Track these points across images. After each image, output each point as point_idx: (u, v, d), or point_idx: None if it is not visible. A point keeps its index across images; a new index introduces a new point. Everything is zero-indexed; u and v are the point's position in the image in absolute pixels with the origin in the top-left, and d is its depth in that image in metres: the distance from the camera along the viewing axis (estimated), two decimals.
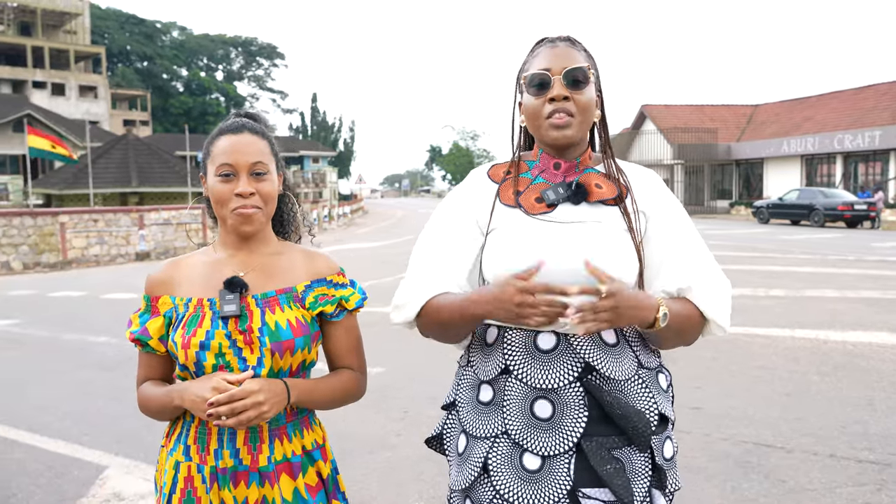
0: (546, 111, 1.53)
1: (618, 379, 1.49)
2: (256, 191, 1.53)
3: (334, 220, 38.19)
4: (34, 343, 7.99)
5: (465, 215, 1.62)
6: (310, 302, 1.59)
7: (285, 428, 1.57)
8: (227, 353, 1.49)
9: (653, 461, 1.51)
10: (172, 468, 1.56)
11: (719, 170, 40.27)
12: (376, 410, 4.92)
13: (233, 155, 1.52)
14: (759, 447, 4.06)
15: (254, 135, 1.56)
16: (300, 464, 1.57)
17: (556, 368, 1.48)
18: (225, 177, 1.52)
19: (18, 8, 52.29)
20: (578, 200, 1.54)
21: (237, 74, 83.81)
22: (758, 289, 9.59)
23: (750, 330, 7.06)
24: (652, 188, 1.60)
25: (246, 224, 1.53)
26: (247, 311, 1.52)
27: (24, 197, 32.20)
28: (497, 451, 1.50)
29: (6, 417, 5.13)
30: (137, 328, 1.60)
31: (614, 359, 1.50)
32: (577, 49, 1.57)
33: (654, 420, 1.50)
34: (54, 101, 50.51)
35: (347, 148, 78.65)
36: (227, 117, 1.64)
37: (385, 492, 3.64)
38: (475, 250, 1.60)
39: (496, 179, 1.64)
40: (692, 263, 1.55)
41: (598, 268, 1.38)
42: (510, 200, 1.58)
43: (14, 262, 20.71)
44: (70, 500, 3.67)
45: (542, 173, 1.60)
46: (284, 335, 1.52)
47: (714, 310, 1.55)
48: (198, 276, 1.58)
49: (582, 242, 1.50)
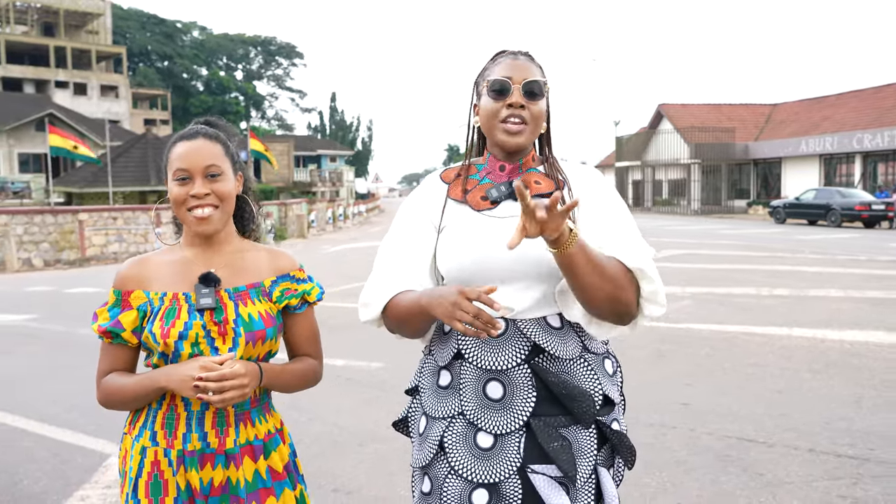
0: (502, 115, 1.66)
1: (563, 358, 1.60)
2: (212, 191, 1.65)
3: (349, 219, 38.42)
4: (50, 338, 8.22)
5: (420, 215, 1.75)
6: (276, 296, 1.73)
7: (249, 413, 1.69)
8: (202, 343, 1.62)
9: (599, 440, 1.63)
10: (139, 454, 1.66)
11: (737, 169, 40.02)
12: (373, 405, 5.06)
13: (187, 159, 1.65)
14: (742, 442, 4.15)
15: (207, 139, 1.68)
16: (262, 447, 1.69)
17: (505, 351, 1.60)
18: (181, 181, 1.65)
19: (42, 9, 53.06)
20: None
21: (256, 74, 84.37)
22: (762, 288, 9.62)
23: (748, 328, 7.12)
24: (587, 180, 1.72)
25: (202, 225, 1.66)
26: (221, 304, 1.65)
27: (46, 195, 32.74)
28: (453, 430, 1.62)
29: (18, 408, 5.33)
30: (107, 321, 1.68)
31: (560, 340, 1.62)
32: (534, 64, 1.71)
33: (598, 399, 1.61)
34: (76, 101, 51.22)
35: (365, 147, 78.95)
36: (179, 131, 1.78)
37: (374, 481, 3.77)
38: (431, 247, 1.72)
39: (447, 181, 1.77)
40: (612, 229, 1.63)
41: (467, 290, 1.45)
42: (458, 196, 1.72)
43: (35, 259, 21.11)
44: (74, 486, 3.84)
45: (488, 175, 1.73)
46: (257, 326, 1.66)
47: (634, 258, 1.56)
48: (168, 272, 1.69)
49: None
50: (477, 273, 1.63)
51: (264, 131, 68.46)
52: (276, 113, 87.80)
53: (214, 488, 1.64)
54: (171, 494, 1.63)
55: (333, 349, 6.71)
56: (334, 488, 3.70)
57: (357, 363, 6.25)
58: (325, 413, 4.91)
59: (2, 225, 20.78)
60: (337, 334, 7.27)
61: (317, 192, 47.94)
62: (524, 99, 1.65)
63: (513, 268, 1.61)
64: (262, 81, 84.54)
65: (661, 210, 41.03)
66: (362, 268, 15.13)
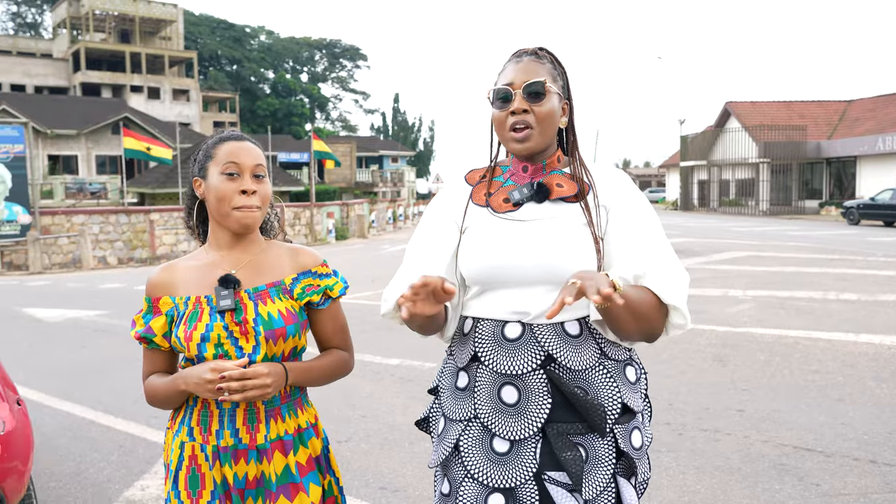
0: (509, 123, 1.66)
1: (577, 369, 1.58)
2: (257, 190, 1.71)
3: (409, 219, 38.73)
4: (120, 333, 8.57)
5: (443, 215, 1.76)
6: (297, 293, 1.76)
7: (279, 409, 1.74)
8: (226, 343, 1.67)
9: (618, 448, 1.60)
10: (178, 448, 1.73)
11: (808, 169, 38.65)
12: (424, 404, 5.11)
13: (238, 156, 1.70)
14: (798, 451, 4.03)
15: (252, 143, 1.76)
16: (292, 442, 1.74)
17: (519, 356, 1.59)
18: (230, 175, 1.69)
19: (119, 17, 55.25)
20: (541, 199, 1.66)
21: (321, 76, 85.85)
22: (828, 292, 9.29)
23: (811, 334, 6.89)
24: (615, 184, 1.68)
25: (246, 221, 1.71)
26: (241, 305, 1.70)
27: (121, 196, 34.05)
28: (469, 433, 1.63)
29: (87, 399, 5.60)
30: (142, 328, 1.75)
31: (574, 349, 1.59)
32: (541, 63, 1.68)
33: (615, 410, 1.58)
34: (150, 105, 53.16)
35: (427, 147, 79.40)
36: (217, 132, 1.83)
37: (421, 481, 3.81)
38: (452, 247, 1.73)
39: (471, 182, 1.78)
40: (648, 252, 1.60)
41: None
42: (481, 201, 1.72)
43: (110, 257, 22.01)
44: (135, 476, 4.01)
45: (512, 176, 1.73)
46: (276, 324, 1.70)
47: (670, 294, 1.56)
48: (193, 276, 1.75)
49: (540, 238, 1.62)
50: (496, 277, 1.63)
51: (328, 133, 69.59)
52: (339, 114, 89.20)
53: (249, 482, 1.69)
54: (209, 487, 1.70)
55: (388, 348, 6.84)
56: (381, 486, 3.76)
57: (411, 362, 6.32)
58: (378, 411, 4.98)
59: (79, 224, 21.74)
60: (392, 333, 7.37)
61: (378, 193, 48.47)
62: (526, 103, 1.63)
63: (532, 273, 1.60)
64: (326, 83, 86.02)
65: (727, 211, 39.97)
66: None
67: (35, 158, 29.33)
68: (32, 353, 7.60)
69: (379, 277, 12.15)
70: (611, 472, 1.58)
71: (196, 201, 1.81)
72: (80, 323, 9.44)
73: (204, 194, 1.74)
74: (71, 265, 21.07)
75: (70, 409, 5.35)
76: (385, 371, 6.07)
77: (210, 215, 1.77)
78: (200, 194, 1.76)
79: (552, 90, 1.66)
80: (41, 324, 9.53)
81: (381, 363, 6.29)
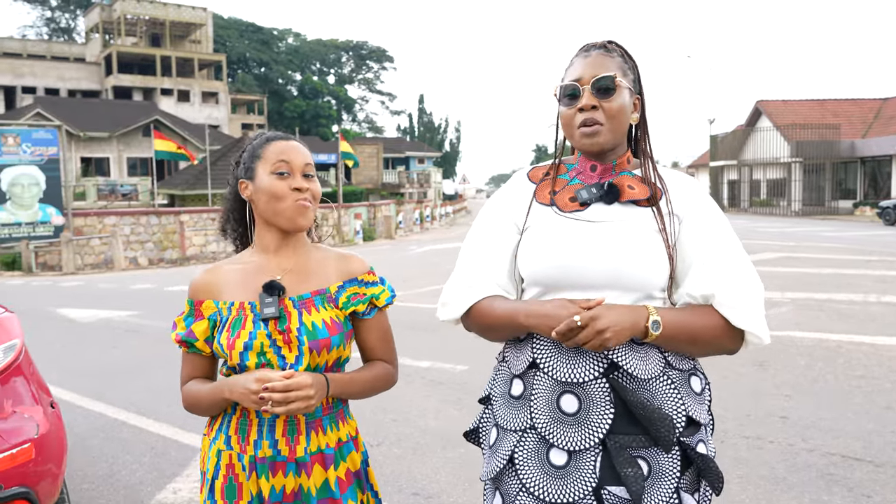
0: (577, 120, 1.59)
1: (642, 377, 1.51)
2: (309, 188, 1.66)
3: (436, 220, 38.71)
4: (151, 333, 8.61)
5: (503, 215, 1.69)
6: (343, 302, 1.70)
7: (321, 421, 1.67)
8: (268, 352, 1.61)
9: (683, 462, 1.52)
10: (215, 456, 1.67)
11: (842, 168, 37.92)
12: (458, 409, 5.03)
13: (289, 154, 1.66)
14: (846, 460, 3.88)
15: (300, 143, 1.71)
16: (332, 456, 1.67)
17: (581, 363, 1.52)
18: (281, 174, 1.64)
19: (150, 21, 55.99)
20: (610, 200, 1.58)
21: (348, 78, 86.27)
22: (869, 294, 9.04)
23: (854, 337, 6.69)
24: (689, 192, 1.61)
25: (302, 216, 1.65)
26: (285, 313, 1.63)
27: (151, 197, 34.47)
28: (524, 445, 1.55)
29: (119, 400, 5.60)
30: (183, 330, 1.71)
31: (639, 357, 1.52)
32: (610, 56, 1.61)
33: (680, 422, 1.50)
34: (180, 107, 53.79)
35: (453, 148, 79.47)
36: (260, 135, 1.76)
37: (454, 488, 3.73)
38: (512, 248, 1.66)
39: (534, 180, 1.71)
40: (720, 268, 1.53)
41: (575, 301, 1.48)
42: (545, 200, 1.65)
43: (140, 258, 22.27)
44: (167, 478, 3.99)
45: (578, 175, 1.65)
46: (321, 334, 1.63)
47: (740, 318, 1.51)
48: (237, 281, 1.69)
49: (610, 241, 1.54)
50: (560, 279, 1.56)
51: (354, 134, 69.88)
52: (366, 116, 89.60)
53: (286, 495, 1.63)
54: (245, 499, 1.63)
55: (419, 350, 6.76)
56: (414, 492, 3.68)
57: (442, 365, 6.24)
58: (410, 415, 4.91)
59: (111, 225, 22.04)
60: (423, 335, 7.30)
61: (405, 194, 48.54)
62: (595, 99, 1.57)
63: (599, 276, 1.53)
64: (353, 85, 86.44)
65: (758, 211, 39.36)
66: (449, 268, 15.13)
67: (68, 161, 29.80)
68: (65, 353, 7.66)
69: (409, 278, 12.10)
70: (674, 487, 1.50)
71: (240, 204, 1.75)
72: (111, 323, 9.52)
73: (251, 196, 1.69)
74: (103, 266, 21.35)
75: (102, 410, 5.36)
76: (415, 373, 6.00)
77: (258, 217, 1.71)
78: (248, 196, 1.70)
79: (622, 85, 1.58)
80: (74, 324, 9.63)
81: (411, 365, 6.22)
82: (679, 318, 1.51)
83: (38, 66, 52.71)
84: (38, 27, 76.35)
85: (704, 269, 1.54)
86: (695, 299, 1.55)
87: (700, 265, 1.55)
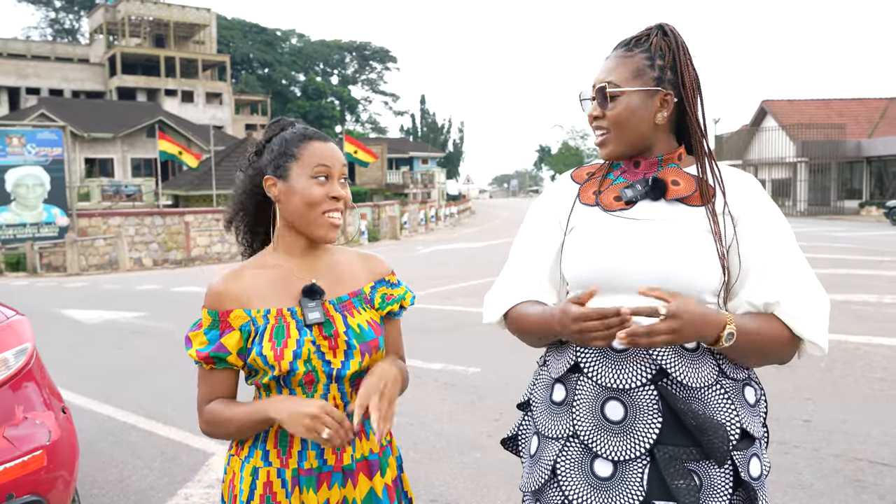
0: (593, 128, 1.57)
1: (693, 386, 1.42)
2: (344, 196, 1.56)
3: (441, 221, 38.65)
4: (157, 335, 8.54)
5: (548, 217, 1.64)
6: (378, 303, 1.63)
7: (364, 426, 1.54)
8: (314, 359, 1.50)
9: (735, 478, 1.42)
10: (250, 475, 1.53)
11: (847, 168, 37.77)
12: (470, 411, 4.94)
13: (329, 158, 1.53)
14: (875, 465, 3.78)
15: (336, 145, 1.59)
16: (378, 462, 1.58)
17: (628, 368, 1.43)
18: (320, 179, 1.53)
19: (154, 22, 56.03)
20: (657, 196, 1.50)
21: (351, 78, 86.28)
22: (884, 295, 8.93)
23: (872, 339, 6.58)
24: (745, 191, 1.52)
25: (332, 231, 1.55)
26: (328, 317, 1.53)
27: (155, 198, 34.45)
28: (567, 454, 1.46)
29: (127, 403, 5.52)
30: (206, 345, 1.51)
31: (690, 364, 1.43)
32: (628, 56, 1.51)
33: (734, 435, 1.41)
34: (184, 108, 53.79)
35: (456, 148, 79.36)
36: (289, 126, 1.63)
37: (473, 493, 3.65)
38: (556, 250, 1.60)
39: (578, 181, 1.65)
40: (783, 275, 1.44)
41: (657, 289, 1.36)
42: (590, 200, 1.58)
43: (145, 258, 22.23)
44: (178, 484, 3.90)
45: (623, 173, 1.58)
46: (368, 336, 1.55)
47: (805, 328, 1.42)
48: (267, 287, 1.55)
49: (656, 241, 1.46)
50: (605, 281, 1.47)
51: (358, 135, 69.84)
52: (369, 116, 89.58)
53: None
54: None
55: (431, 352, 6.67)
56: (432, 498, 3.60)
57: (455, 367, 6.15)
58: (425, 418, 4.82)
59: (115, 226, 22.00)
60: (434, 337, 7.21)
61: (409, 194, 48.46)
62: (598, 108, 1.53)
63: (647, 279, 1.43)
64: (356, 86, 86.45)
65: None
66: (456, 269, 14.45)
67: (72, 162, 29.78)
68: (72, 354, 7.58)
69: (416, 279, 12.00)
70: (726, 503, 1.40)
71: (257, 199, 1.62)
72: (117, 324, 9.45)
73: (279, 196, 1.55)
74: (107, 266, 21.31)
75: (110, 413, 5.28)
76: (427, 376, 5.91)
77: (285, 219, 1.57)
78: (275, 195, 1.56)
79: (626, 90, 1.49)
80: (80, 325, 9.56)
81: (423, 367, 6.13)
82: (750, 327, 1.41)
83: (42, 67, 52.76)
84: (41, 28, 76.56)
85: (766, 275, 1.45)
86: (756, 308, 1.46)
87: (760, 271, 1.45)
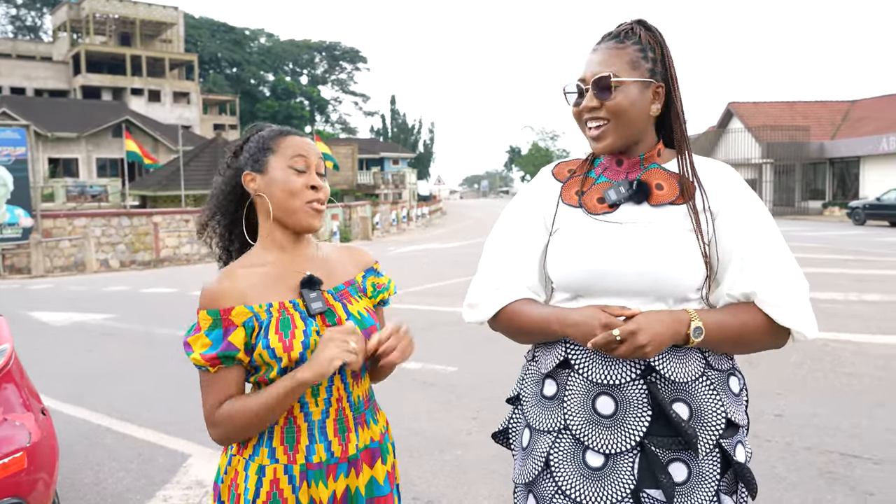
0: (584, 119, 1.55)
1: (680, 381, 1.45)
2: (323, 187, 1.59)
3: (412, 221, 38.62)
4: (128, 336, 8.42)
5: (532, 214, 1.63)
6: (370, 291, 1.68)
7: (365, 415, 1.60)
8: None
9: (723, 464, 1.47)
10: (255, 473, 1.51)
11: (811, 169, 38.54)
12: (450, 410, 4.96)
13: (306, 150, 1.57)
14: (845, 458, 3.88)
15: (312, 141, 1.63)
16: (379, 449, 1.61)
17: (618, 364, 1.46)
18: (298, 170, 1.56)
19: (119, 19, 55.12)
20: (640, 199, 1.52)
21: (321, 78, 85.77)
22: (849, 293, 9.15)
23: (840, 336, 6.74)
24: (724, 184, 1.53)
25: (316, 218, 1.57)
26: (329, 306, 1.56)
27: (122, 198, 33.91)
28: (559, 446, 1.50)
29: (101, 405, 5.44)
30: (209, 347, 1.48)
31: (677, 360, 1.46)
32: (620, 49, 1.52)
33: (720, 425, 1.46)
34: (150, 107, 53.01)
35: (427, 149, 79.37)
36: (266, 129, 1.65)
37: (454, 490, 3.67)
38: (541, 249, 1.60)
39: (560, 178, 1.65)
40: (760, 265, 1.46)
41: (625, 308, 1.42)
42: (573, 200, 1.58)
43: (112, 260, 21.87)
44: (157, 486, 3.86)
45: (605, 171, 1.59)
46: (368, 322, 1.59)
47: (784, 316, 1.45)
48: (263, 282, 1.55)
49: (642, 244, 1.48)
50: (592, 284, 1.50)
51: (328, 135, 69.50)
52: (339, 117, 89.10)
53: (337, 500, 1.54)
54: None
55: None
56: (413, 496, 3.61)
57: (432, 366, 6.16)
58: (402, 417, 4.82)
59: (81, 227, 21.60)
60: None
61: (380, 195, 48.38)
62: (596, 99, 1.51)
63: (633, 282, 1.46)
64: (326, 86, 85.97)
65: None
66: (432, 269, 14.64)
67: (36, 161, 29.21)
68: (41, 357, 7.44)
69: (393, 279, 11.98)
70: (714, 489, 1.45)
71: (235, 198, 1.63)
72: (86, 326, 9.30)
73: (258, 190, 1.57)
74: (73, 268, 20.92)
75: (84, 416, 5.20)
76: (405, 375, 5.91)
77: (264, 214, 1.59)
78: (254, 190, 1.57)
79: (627, 81, 1.50)
80: (47, 327, 9.39)
81: (401, 367, 6.10)
82: (721, 320, 1.45)
83: (3, 65, 51.60)
84: (2, 25, 74.94)
85: (743, 266, 1.47)
86: (735, 299, 1.49)
87: (738, 262, 1.48)
